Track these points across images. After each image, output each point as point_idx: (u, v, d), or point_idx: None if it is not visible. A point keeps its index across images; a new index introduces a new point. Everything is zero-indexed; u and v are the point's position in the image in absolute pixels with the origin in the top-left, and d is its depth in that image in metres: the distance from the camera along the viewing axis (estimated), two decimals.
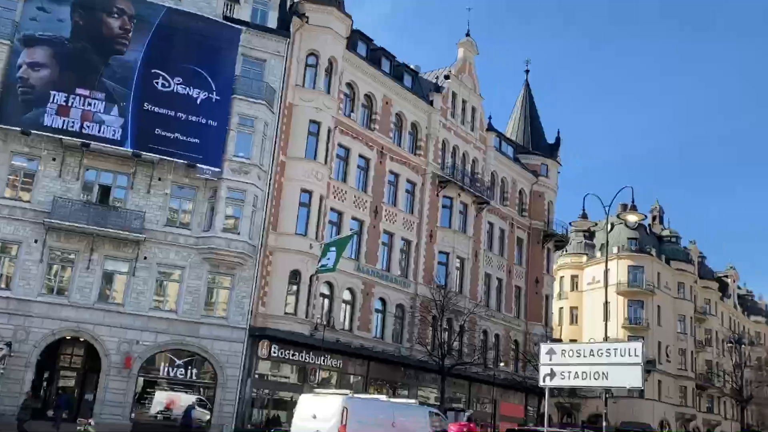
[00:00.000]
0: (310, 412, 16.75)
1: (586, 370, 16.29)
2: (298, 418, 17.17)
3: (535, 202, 48.26)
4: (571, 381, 16.84)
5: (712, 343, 69.12)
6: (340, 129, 33.66)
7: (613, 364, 15.87)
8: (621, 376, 15.89)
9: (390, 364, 34.31)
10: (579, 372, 16.39)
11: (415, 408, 19.75)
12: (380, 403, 18.28)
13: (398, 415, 17.82)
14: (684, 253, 67.28)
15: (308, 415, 16.75)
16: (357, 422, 16.07)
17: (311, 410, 16.83)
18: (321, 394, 17.97)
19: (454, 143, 41.34)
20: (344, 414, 15.95)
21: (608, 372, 15.92)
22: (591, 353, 16.41)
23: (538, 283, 47.09)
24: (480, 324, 41.15)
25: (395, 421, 17.36)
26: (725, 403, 69.93)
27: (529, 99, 52.92)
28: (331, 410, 16.25)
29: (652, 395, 56.75)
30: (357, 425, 16.03)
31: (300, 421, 17.01)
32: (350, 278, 33.36)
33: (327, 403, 16.76)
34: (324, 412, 16.44)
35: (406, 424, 17.71)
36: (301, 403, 17.59)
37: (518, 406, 43.83)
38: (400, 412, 18.15)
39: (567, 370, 16.58)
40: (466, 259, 40.55)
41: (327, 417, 16.21)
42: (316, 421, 16.37)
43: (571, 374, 16.53)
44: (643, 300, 59.38)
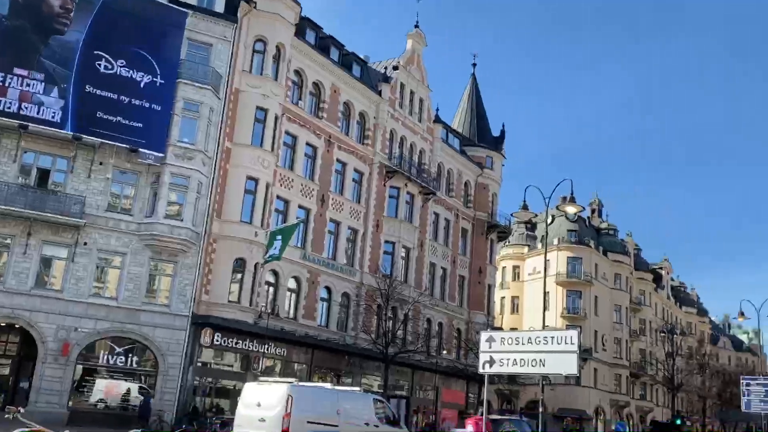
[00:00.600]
0: (255, 400, 16.67)
1: (524, 357, 16.75)
2: (243, 406, 17.08)
3: (480, 193, 49.14)
4: (510, 368, 17.33)
5: (645, 333, 71.76)
6: (287, 116, 33.51)
7: (550, 352, 16.33)
8: (557, 363, 16.35)
9: (334, 353, 34.52)
10: (517, 359, 16.86)
11: (360, 395, 19.69)
12: (325, 391, 18.27)
13: (343, 402, 17.79)
14: (621, 246, 69.58)
15: (253, 403, 16.66)
16: (302, 410, 16.06)
17: (256, 398, 16.74)
18: (266, 383, 17.85)
19: (402, 134, 41.67)
20: (289, 402, 15.91)
21: (545, 359, 16.38)
22: (529, 341, 16.88)
23: (481, 273, 48.01)
24: (424, 313, 41.75)
25: (340, 409, 17.33)
26: (657, 390, 72.83)
27: (476, 92, 53.68)
28: (276, 398, 16.18)
29: (588, 383, 58.69)
30: (302, 413, 16.02)
31: (244, 409, 16.92)
32: (296, 267, 33.37)
33: (272, 391, 16.67)
34: (269, 400, 16.31)
35: (350, 411, 17.69)
36: (245, 391, 17.52)
37: (460, 393, 44.75)
38: (344, 399, 18.10)
39: (506, 357, 17.03)
40: (411, 248, 41.03)
41: (272, 405, 16.13)
42: (260, 409, 16.27)
43: (509, 361, 17.00)
44: (581, 290, 61.20)
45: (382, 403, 19.78)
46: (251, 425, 15.95)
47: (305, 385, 18.88)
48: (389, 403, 22.16)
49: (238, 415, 16.99)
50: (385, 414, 19.24)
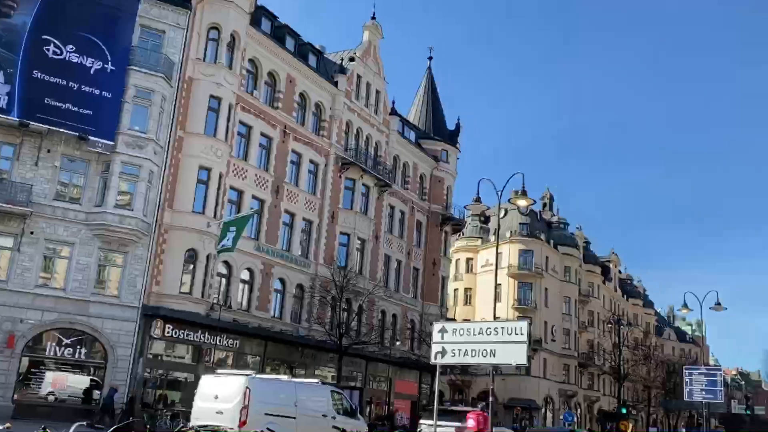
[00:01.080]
0: (212, 393, 16.60)
1: (475, 348, 17.04)
2: (200, 398, 16.98)
3: (435, 186, 49.54)
4: (461, 358, 17.61)
5: (594, 324, 73.52)
6: (241, 106, 33.17)
7: (500, 342, 16.64)
8: (507, 353, 16.65)
9: (288, 344, 34.45)
10: (468, 350, 17.14)
11: (318, 387, 19.80)
12: (282, 383, 18.24)
13: (300, 394, 17.83)
14: (571, 239, 71.08)
15: (210, 395, 16.59)
16: (259, 402, 16.07)
17: (213, 391, 16.68)
18: (223, 375, 17.73)
19: (358, 125, 41.68)
20: (246, 394, 15.89)
21: (495, 350, 16.67)
22: (480, 332, 17.17)
23: (435, 265, 48.47)
24: (378, 304, 41.97)
25: (297, 401, 17.35)
26: (604, 380, 74.75)
27: (432, 86, 54.01)
28: (234, 390, 16.16)
29: (538, 373, 59.95)
30: (259, 405, 16.02)
31: (202, 401, 16.84)
32: (249, 258, 33.14)
33: (229, 383, 16.66)
34: (226, 393, 16.29)
35: (308, 403, 17.77)
36: (202, 383, 17.41)
37: (413, 384, 45.18)
38: (302, 391, 18.13)
39: (457, 348, 17.30)
40: (366, 240, 41.15)
41: (229, 397, 16.13)
42: (218, 401, 16.19)
43: (461, 352, 17.27)
44: (532, 282, 62.38)
45: (339, 395, 19.88)
46: (209, 417, 15.88)
47: (263, 377, 18.87)
48: (347, 396, 22.34)
49: (196, 407, 16.89)
50: (342, 405, 19.32)
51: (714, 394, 29.25)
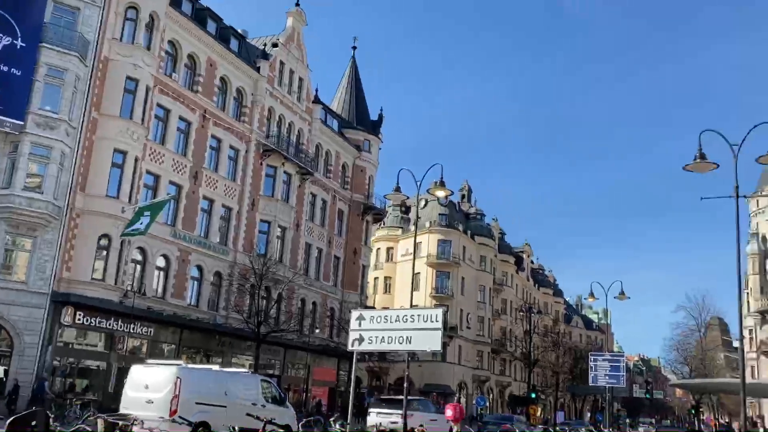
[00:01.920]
0: (143, 382, 16.57)
1: (392, 335, 17.47)
2: (130, 388, 16.95)
3: (357, 175, 49.87)
4: (378, 345, 18.00)
5: (507, 312, 76.02)
6: (159, 88, 32.35)
7: (416, 329, 17.13)
8: (422, 340, 17.15)
9: (204, 332, 34.05)
10: (385, 337, 17.55)
11: (247, 376, 20.08)
12: (213, 372, 18.36)
13: (230, 383, 18.08)
14: (487, 230, 73.13)
15: (140, 385, 16.55)
16: (190, 391, 16.16)
17: (143, 380, 16.65)
18: (153, 365, 17.80)
19: (280, 112, 41.40)
20: (177, 384, 15.97)
21: (411, 336, 17.14)
22: (397, 319, 17.63)
23: (356, 254, 48.88)
24: (298, 292, 42.00)
25: (227, 390, 17.56)
26: (515, 366, 77.48)
27: (356, 75, 54.19)
28: (164, 380, 16.24)
29: (453, 359, 61.53)
30: (190, 394, 16.12)
31: (131, 391, 16.81)
32: (165, 244, 32.49)
33: (160, 373, 16.72)
34: (157, 382, 16.36)
35: (238, 392, 17.96)
36: (132, 373, 17.36)
37: (331, 371, 45.54)
38: (232, 380, 18.42)
39: (374, 335, 17.68)
40: (287, 228, 41.04)
41: (160, 387, 16.19)
42: (148, 391, 16.22)
43: (378, 339, 17.65)
44: (449, 272, 63.85)
45: (268, 384, 20.12)
46: (138, 407, 15.74)
47: (193, 367, 18.99)
48: (276, 384, 22.53)
49: (125, 397, 16.87)
50: (271, 394, 19.60)
51: (617, 379, 30.69)
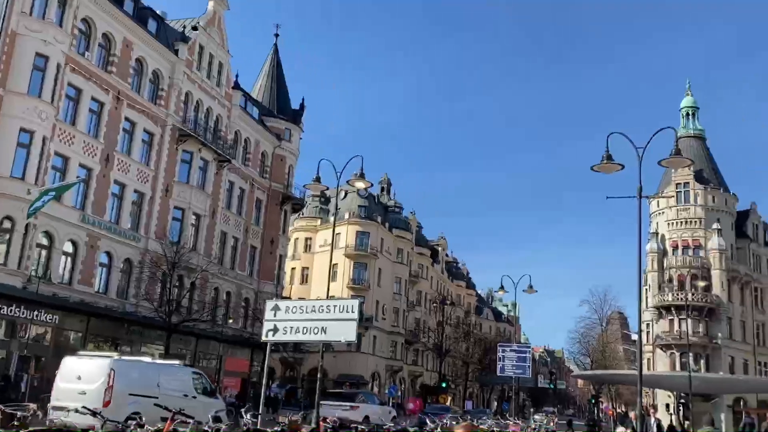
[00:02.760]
0: (75, 374, 16.67)
1: (307, 325, 17.62)
2: (61, 379, 16.93)
3: (277, 164, 49.41)
4: (293, 336, 18.11)
5: (421, 304, 77.41)
6: (71, 67, 31.01)
7: (332, 320, 17.36)
8: (338, 330, 17.41)
9: (113, 320, 33.01)
10: (300, 327, 17.68)
11: (178, 369, 20.40)
12: (146, 364, 18.69)
13: (163, 375, 18.31)
14: (405, 223, 74.13)
15: (72, 376, 16.64)
16: (123, 383, 16.43)
17: (76, 372, 16.75)
18: (86, 357, 17.99)
19: (198, 97, 40.51)
20: (111, 375, 16.21)
21: (327, 327, 17.37)
22: (312, 309, 17.79)
23: (273, 243, 48.49)
24: (212, 281, 41.27)
25: (160, 382, 17.78)
26: (428, 356, 79.03)
27: (277, 63, 53.62)
28: (98, 372, 16.41)
29: (367, 349, 62.20)
30: (123, 386, 16.38)
31: (63, 382, 16.80)
32: (73, 229, 31.26)
33: (93, 364, 16.90)
34: (90, 374, 16.50)
35: (170, 383, 18.22)
36: (64, 365, 17.34)
37: (244, 362, 45.06)
38: (164, 372, 18.68)
39: (289, 325, 17.77)
40: (202, 216, 40.27)
41: (93, 378, 16.34)
42: (81, 383, 16.32)
43: (293, 329, 17.77)
44: (367, 263, 64.38)
45: (199, 376, 20.47)
46: (70, 398, 15.65)
47: (127, 359, 19.08)
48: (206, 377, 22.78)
49: (56, 389, 16.86)
50: (202, 386, 19.95)
51: (523, 369, 31.92)
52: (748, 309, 65.41)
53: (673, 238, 63.99)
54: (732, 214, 65.58)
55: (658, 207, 65.60)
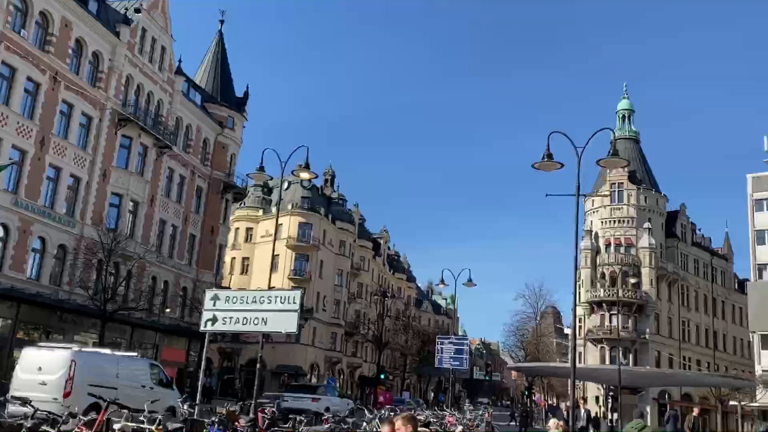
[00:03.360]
0: (35, 365, 16.89)
1: (248, 316, 17.47)
2: (22, 370, 17.09)
3: (219, 152, 48.76)
4: (233, 326, 17.95)
5: (362, 296, 77.73)
6: (6, 45, 29.91)
7: (273, 311, 17.29)
8: (279, 321, 17.32)
9: (45, 308, 32.07)
10: (240, 318, 17.54)
11: (137, 360, 20.95)
12: (105, 356, 19.02)
13: (121, 366, 18.71)
14: (348, 215, 74.22)
15: (33, 367, 16.85)
16: (83, 374, 16.78)
17: (36, 363, 16.97)
18: (46, 348, 18.19)
19: (140, 81, 39.60)
20: (72, 366, 16.57)
21: (267, 318, 17.29)
22: (253, 300, 17.69)
23: (213, 232, 47.90)
24: (150, 270, 40.56)
25: (119, 373, 18.18)
26: (367, 347, 79.58)
27: (222, 50, 52.83)
28: (58, 363, 16.75)
29: (307, 341, 62.15)
30: (83, 377, 16.70)
31: (23, 373, 16.97)
32: (5, 213, 30.22)
33: (54, 356, 17.18)
34: (50, 365, 16.78)
35: (128, 375, 18.69)
36: (24, 356, 17.55)
37: (181, 351, 44.43)
38: (123, 364, 19.08)
39: (229, 315, 17.60)
40: (141, 203, 39.46)
41: (53, 369, 16.64)
42: (41, 373, 16.56)
43: (232, 320, 17.60)
44: (309, 254, 64.26)
45: (156, 367, 21.21)
46: (30, 388, 15.63)
47: (87, 350, 19.31)
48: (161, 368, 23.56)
49: (16, 379, 17.01)
50: (158, 377, 20.57)
51: (460, 361, 32.52)
52: (675, 306, 68.37)
53: (607, 236, 66.26)
54: (662, 214, 68.36)
55: (593, 206, 67.77)
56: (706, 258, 74.71)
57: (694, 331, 70.76)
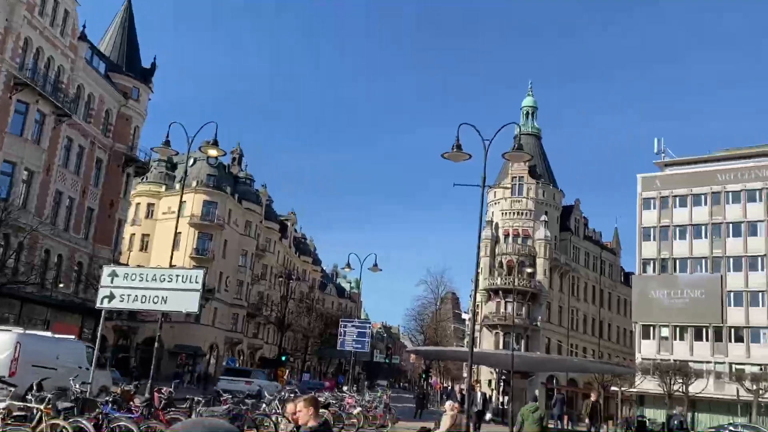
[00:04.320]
0: None
1: (147, 294, 17.17)
2: None
3: (122, 124, 47.02)
4: (131, 304, 17.59)
5: (266, 277, 77.29)
6: None
7: (174, 290, 17.09)
8: (180, 301, 17.13)
9: None
10: (139, 295, 17.24)
11: (74, 343, 22.06)
12: (46, 338, 20.14)
13: (61, 348, 19.68)
14: (255, 195, 73.42)
15: None
16: (27, 354, 17.65)
17: None
18: None
19: (39, 45, 37.60)
20: (17, 348, 17.44)
21: (168, 296, 17.09)
22: (154, 278, 17.41)
23: (112, 206, 46.27)
24: (43, 243, 38.80)
25: (59, 354, 19.24)
26: (269, 329, 79.35)
27: (130, 17, 50.84)
28: (3, 344, 17.54)
29: (207, 321, 61.33)
30: (27, 357, 17.60)
31: None
32: None
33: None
34: None
35: (67, 356, 19.63)
36: None
37: (74, 328, 42.57)
38: (62, 346, 20.04)
39: (128, 293, 17.24)
40: (36, 172, 37.60)
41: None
42: None
43: (131, 297, 17.23)
44: (212, 233, 63.20)
45: (91, 349, 21.62)
46: None
47: (30, 332, 19.96)
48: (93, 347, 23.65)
49: None
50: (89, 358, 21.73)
51: (362, 344, 33.24)
52: (566, 296, 72.20)
53: (506, 226, 69.02)
54: (558, 208, 71.86)
55: (494, 197, 70.32)
56: (596, 251, 79.22)
57: (582, 320, 75.04)
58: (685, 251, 65.76)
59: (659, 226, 67.56)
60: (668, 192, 67.88)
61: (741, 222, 63.43)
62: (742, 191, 63.94)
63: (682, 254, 66.05)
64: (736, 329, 61.57)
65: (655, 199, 68.47)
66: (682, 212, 66.84)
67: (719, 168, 66.22)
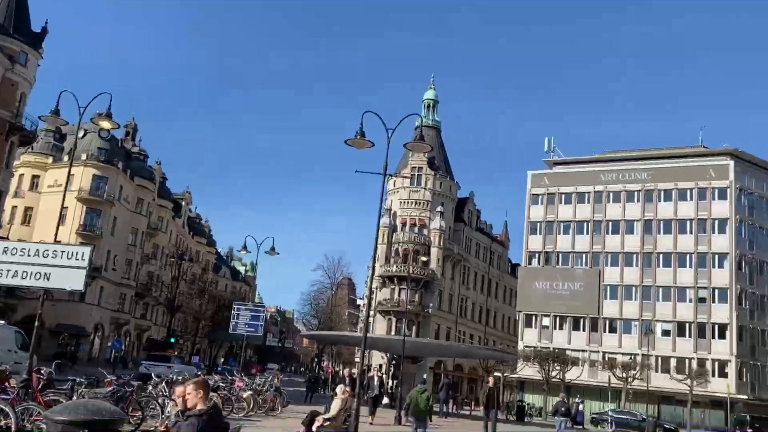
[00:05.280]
0: None
1: (28, 269, 16.52)
2: None
3: (7, 90, 44.12)
4: (10, 280, 16.81)
5: (157, 257, 74.95)
6: None
7: (58, 266, 16.53)
8: (64, 278, 16.59)
9: None
10: (20, 271, 16.56)
11: (4, 327, 23.72)
12: None
13: None
14: (149, 172, 70.89)
15: None
16: None
17: None
18: None
19: None
20: None
21: (51, 273, 16.52)
22: (36, 253, 16.76)
23: None
24: None
25: None
26: (158, 310, 77.13)
27: None
28: None
29: (92, 300, 58.89)
30: None
31: None
32: None
33: None
34: None
35: None
36: None
37: None
38: None
39: (7, 268, 16.58)
40: None
41: None
42: None
43: (10, 273, 16.55)
44: (102, 210, 60.60)
45: (20, 334, 24.11)
46: None
47: None
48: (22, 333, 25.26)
49: None
50: (21, 342, 23.61)
51: (256, 328, 33.06)
52: (457, 284, 74.75)
53: (403, 216, 70.55)
54: (453, 200, 74.16)
55: (394, 186, 71.63)
56: (487, 243, 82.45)
57: (470, 308, 77.99)
58: (568, 246, 69.83)
59: (545, 221, 71.31)
60: (555, 189, 71.67)
61: (620, 220, 67.99)
62: (622, 192, 68.53)
63: (565, 248, 70.09)
64: (610, 320, 66.14)
65: (543, 196, 72.13)
66: (567, 209, 70.88)
67: (603, 169, 70.64)
